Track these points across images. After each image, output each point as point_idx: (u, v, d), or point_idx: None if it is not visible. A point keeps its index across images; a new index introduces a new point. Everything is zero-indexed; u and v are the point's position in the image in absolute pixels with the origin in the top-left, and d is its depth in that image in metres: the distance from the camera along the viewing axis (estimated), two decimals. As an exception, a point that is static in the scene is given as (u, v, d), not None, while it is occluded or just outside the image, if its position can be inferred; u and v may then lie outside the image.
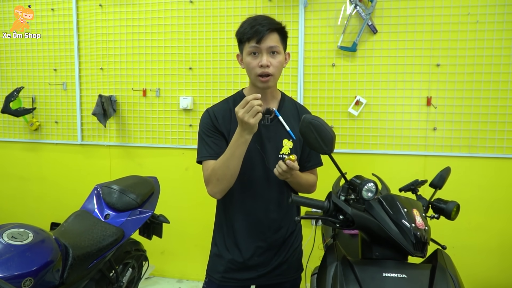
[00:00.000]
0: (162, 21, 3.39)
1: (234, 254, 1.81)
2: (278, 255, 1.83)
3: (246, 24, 1.67)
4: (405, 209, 1.51)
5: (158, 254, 3.58)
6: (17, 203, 3.91)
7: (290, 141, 1.77)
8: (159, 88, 3.45)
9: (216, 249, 1.87)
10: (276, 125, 1.74)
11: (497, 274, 3.10)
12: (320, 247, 2.50)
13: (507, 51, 2.91)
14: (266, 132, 1.74)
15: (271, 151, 1.75)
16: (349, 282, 1.40)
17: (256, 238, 1.79)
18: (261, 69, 1.65)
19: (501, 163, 2.99)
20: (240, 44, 1.72)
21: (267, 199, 1.78)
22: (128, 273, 2.53)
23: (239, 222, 1.80)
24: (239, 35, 1.70)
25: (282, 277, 1.86)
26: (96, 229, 2.14)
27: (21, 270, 1.60)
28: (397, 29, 3.02)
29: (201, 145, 1.75)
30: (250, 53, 1.66)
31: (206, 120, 1.76)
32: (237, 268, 1.81)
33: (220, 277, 1.83)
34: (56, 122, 3.70)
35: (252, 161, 1.73)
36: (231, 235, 1.82)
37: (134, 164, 3.59)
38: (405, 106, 3.06)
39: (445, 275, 1.39)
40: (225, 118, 1.75)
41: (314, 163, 1.90)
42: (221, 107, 1.79)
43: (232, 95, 1.85)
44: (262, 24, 1.62)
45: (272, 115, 1.72)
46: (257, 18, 1.66)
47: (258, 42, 1.62)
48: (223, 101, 1.83)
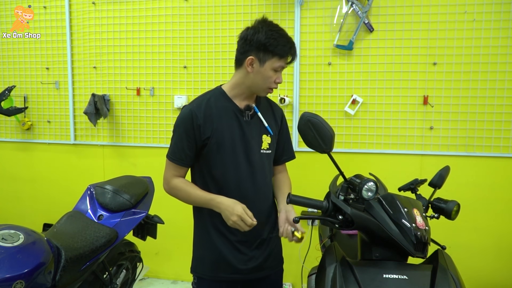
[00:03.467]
0: (156, 19, 3.35)
1: (222, 251, 1.81)
2: (264, 249, 1.86)
3: (282, 39, 1.67)
4: (406, 208, 1.49)
5: (153, 255, 3.54)
6: (9, 204, 3.86)
7: (268, 136, 1.83)
8: (153, 87, 3.41)
9: (201, 248, 1.88)
10: (256, 121, 1.81)
11: (494, 273, 3.09)
12: (317, 248, 2.48)
13: (503, 49, 2.90)
14: (248, 130, 1.79)
15: (254, 148, 1.79)
16: (349, 283, 1.38)
17: (243, 233, 1.75)
18: (274, 85, 1.73)
19: (498, 162, 2.98)
20: (264, 52, 1.68)
21: (253, 195, 1.80)
22: (122, 274, 2.50)
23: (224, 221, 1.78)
24: (269, 46, 1.66)
25: (269, 270, 1.90)
26: (89, 230, 2.11)
27: (12, 272, 1.57)
28: (393, 27, 3.00)
29: (177, 144, 1.78)
30: (275, 70, 1.70)
31: (188, 120, 1.74)
32: (225, 262, 1.82)
33: (210, 274, 1.85)
34: (48, 121, 3.65)
35: (236, 158, 1.77)
36: (217, 233, 1.82)
37: (128, 164, 3.54)
38: (402, 105, 3.05)
39: (446, 276, 1.37)
40: (206, 116, 1.74)
41: (288, 156, 1.99)
42: (201, 105, 1.76)
43: (210, 91, 1.84)
44: (295, 48, 1.72)
45: (251, 111, 1.79)
46: (289, 38, 1.71)
47: (288, 63, 1.72)
48: (202, 98, 1.80)
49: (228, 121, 1.76)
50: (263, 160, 1.82)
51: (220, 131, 1.74)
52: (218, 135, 1.74)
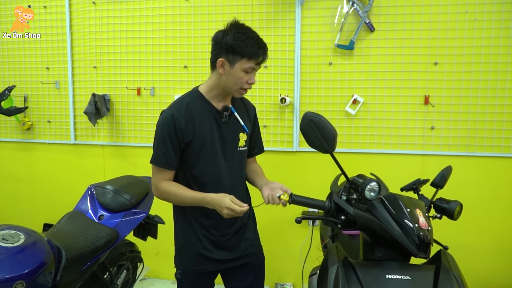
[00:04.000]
0: (157, 18, 3.34)
1: (204, 241, 1.88)
2: (245, 236, 1.95)
3: (249, 41, 1.69)
4: (408, 209, 1.48)
5: (153, 255, 3.53)
6: (9, 204, 3.85)
7: (244, 134, 1.91)
8: (153, 87, 3.40)
9: (183, 241, 1.94)
10: (233, 121, 1.88)
11: (495, 273, 3.09)
12: (318, 248, 2.47)
13: (505, 49, 2.90)
14: (226, 130, 1.86)
15: (231, 146, 1.88)
16: (352, 284, 1.37)
17: (223, 224, 1.87)
18: (247, 86, 1.77)
19: (499, 162, 2.97)
20: (233, 54, 1.71)
21: (229, 188, 1.85)
22: (123, 275, 2.49)
23: (205, 214, 1.85)
24: (237, 48, 1.68)
25: (250, 257, 1.98)
26: (90, 230, 2.10)
27: (13, 273, 1.57)
28: (394, 27, 2.99)
29: (160, 148, 1.78)
30: (245, 71, 1.72)
31: (170, 124, 1.76)
32: (209, 255, 1.89)
33: (193, 267, 1.90)
34: (48, 121, 3.65)
35: (216, 158, 1.83)
36: (198, 225, 1.88)
37: (128, 164, 3.53)
38: (403, 105, 3.04)
39: (449, 276, 1.36)
40: (188, 119, 1.78)
41: (259, 149, 2.11)
42: (181, 109, 1.79)
43: (188, 94, 1.87)
44: (264, 49, 1.73)
45: (229, 111, 1.85)
46: (258, 40, 1.73)
47: (257, 64, 1.74)
48: (181, 102, 1.82)
49: (207, 123, 1.81)
50: (239, 156, 1.91)
51: (201, 133, 1.79)
52: (199, 137, 1.79)
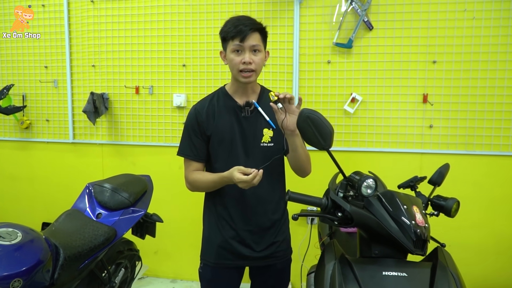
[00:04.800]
0: (155, 17, 3.34)
1: (226, 234, 1.90)
2: (268, 237, 1.92)
3: (229, 23, 1.79)
4: (405, 206, 1.48)
5: (152, 254, 3.53)
6: (8, 203, 3.84)
7: (270, 130, 1.88)
8: (152, 86, 3.40)
9: (206, 233, 1.99)
10: (256, 116, 1.88)
11: (493, 272, 3.09)
12: (317, 246, 2.47)
13: (503, 47, 2.90)
14: (247, 124, 1.87)
15: (253, 141, 1.87)
16: (348, 281, 1.37)
17: (246, 221, 1.89)
18: (243, 66, 1.78)
19: (498, 160, 2.98)
20: (223, 42, 1.84)
21: (254, 187, 1.80)
22: (121, 273, 2.49)
23: (228, 208, 1.90)
24: (223, 33, 1.81)
25: (274, 259, 1.95)
26: (88, 229, 2.10)
27: (10, 270, 1.56)
28: (393, 25, 3.00)
29: (185, 140, 1.93)
30: (234, 51, 1.79)
31: (192, 117, 1.91)
32: (229, 249, 1.91)
33: (214, 261, 1.93)
34: (47, 120, 3.65)
35: (236, 153, 1.86)
36: (223, 221, 1.92)
37: (126, 163, 3.53)
38: (401, 103, 3.04)
39: (446, 273, 1.36)
40: (209, 114, 1.89)
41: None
42: (205, 104, 1.92)
43: (215, 91, 1.98)
44: (245, 24, 1.75)
45: (251, 107, 1.86)
46: (240, 19, 1.79)
47: (241, 41, 1.76)
48: (207, 98, 1.96)
49: (227, 118, 1.87)
50: (264, 153, 1.87)
51: (220, 128, 1.86)
52: (218, 131, 1.86)
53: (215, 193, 1.93)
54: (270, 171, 1.88)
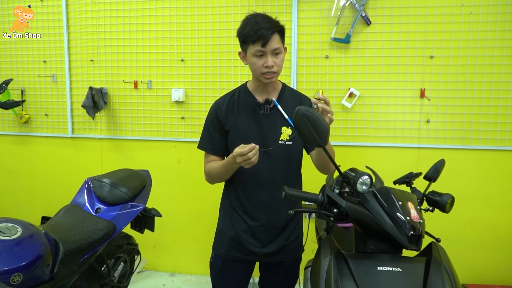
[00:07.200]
0: (154, 12, 3.34)
1: (239, 233, 1.92)
2: (280, 236, 1.93)
3: (248, 26, 1.75)
4: (400, 202, 1.49)
5: (150, 248, 3.55)
6: (7, 198, 3.86)
7: (289, 128, 1.88)
8: (150, 80, 3.40)
9: (221, 225, 2.02)
10: (275, 114, 1.88)
11: (490, 267, 3.12)
12: (314, 240, 2.49)
13: (500, 42, 2.90)
14: (266, 121, 1.88)
15: (271, 138, 1.87)
16: (343, 276, 1.39)
17: (259, 217, 1.90)
18: (266, 69, 1.77)
19: (495, 155, 2.99)
20: (243, 44, 1.81)
21: (269, 182, 1.88)
22: (120, 267, 2.51)
23: (243, 202, 1.92)
24: (242, 36, 1.78)
25: (283, 256, 1.97)
26: (87, 223, 2.11)
27: (10, 265, 1.57)
28: (391, 20, 3.00)
29: (205, 134, 1.97)
30: (255, 55, 1.77)
31: (213, 112, 1.94)
32: (240, 242, 1.93)
33: (226, 253, 1.96)
34: (46, 114, 3.65)
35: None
36: (237, 215, 1.94)
37: (125, 157, 3.55)
38: (399, 98, 3.05)
39: (440, 268, 1.38)
40: (228, 109, 1.91)
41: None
42: (226, 100, 1.94)
43: (237, 88, 1.99)
44: (265, 28, 1.72)
45: (271, 105, 1.87)
46: (259, 21, 1.74)
47: (263, 46, 1.73)
48: (229, 93, 1.98)
49: (245, 115, 1.89)
50: (282, 150, 1.88)
51: (238, 124, 1.89)
52: (236, 127, 1.89)
53: (231, 187, 1.96)
54: (288, 169, 1.92)
